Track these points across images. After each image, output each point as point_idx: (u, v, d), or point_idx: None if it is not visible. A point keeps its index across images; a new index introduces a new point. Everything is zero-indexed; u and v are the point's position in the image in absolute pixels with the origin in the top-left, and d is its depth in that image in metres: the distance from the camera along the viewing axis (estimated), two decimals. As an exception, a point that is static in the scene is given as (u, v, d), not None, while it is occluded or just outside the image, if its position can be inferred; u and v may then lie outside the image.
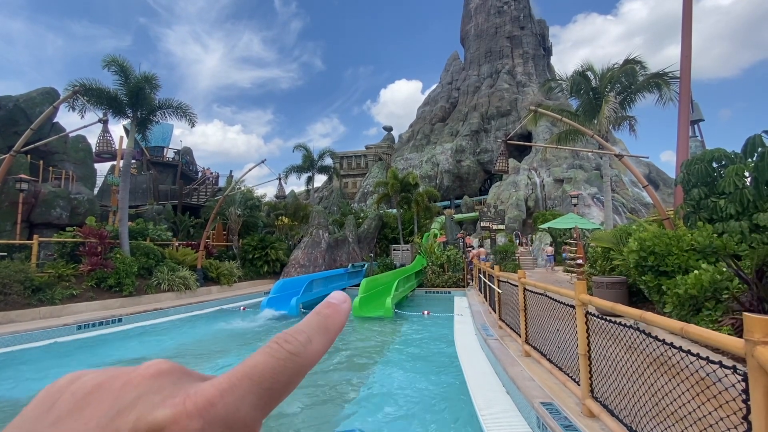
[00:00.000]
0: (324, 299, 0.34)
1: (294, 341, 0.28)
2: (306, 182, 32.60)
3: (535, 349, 5.35)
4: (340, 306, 0.33)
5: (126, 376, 0.26)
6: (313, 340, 0.29)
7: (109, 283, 12.11)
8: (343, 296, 0.34)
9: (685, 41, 11.07)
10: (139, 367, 0.26)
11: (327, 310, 0.32)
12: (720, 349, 3.03)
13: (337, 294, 0.34)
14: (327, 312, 0.32)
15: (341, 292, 0.35)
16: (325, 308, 0.32)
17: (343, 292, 0.35)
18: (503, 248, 23.92)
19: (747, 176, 6.95)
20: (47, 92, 18.88)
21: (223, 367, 7.20)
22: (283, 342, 0.28)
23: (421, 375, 6.72)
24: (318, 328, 0.30)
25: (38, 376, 6.58)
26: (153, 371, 0.26)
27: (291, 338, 0.29)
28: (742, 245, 6.52)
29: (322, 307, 0.32)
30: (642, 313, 2.69)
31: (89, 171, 21.45)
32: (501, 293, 8.00)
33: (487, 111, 51.19)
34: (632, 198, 36.00)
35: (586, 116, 15.30)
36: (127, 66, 13.82)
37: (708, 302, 5.87)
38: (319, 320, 0.31)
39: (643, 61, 14.82)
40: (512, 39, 56.66)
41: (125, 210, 14.09)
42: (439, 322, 11.26)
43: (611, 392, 3.22)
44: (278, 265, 20.37)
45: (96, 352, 8.26)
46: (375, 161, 55.98)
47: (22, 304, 9.94)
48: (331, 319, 0.31)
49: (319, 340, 0.30)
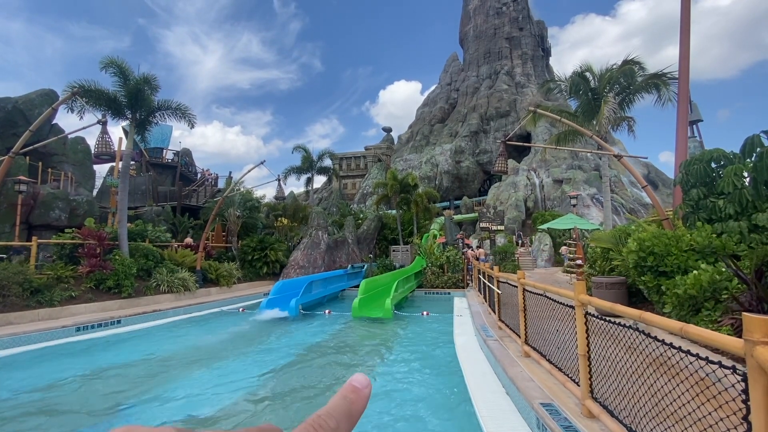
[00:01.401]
0: (348, 381, 0.37)
1: (327, 426, 0.32)
2: (305, 183, 32.59)
3: (534, 350, 5.35)
4: (363, 391, 0.36)
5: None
6: (341, 426, 0.33)
7: (108, 285, 12.09)
8: (366, 381, 0.37)
9: (683, 42, 11.09)
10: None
11: (352, 395, 0.36)
12: (719, 350, 3.03)
13: (360, 378, 0.37)
14: (352, 398, 0.35)
15: (364, 376, 0.38)
16: (350, 393, 0.36)
17: (365, 376, 0.38)
18: (503, 249, 23.93)
19: (746, 176, 6.96)
20: (46, 94, 18.88)
21: (223, 370, 7.19)
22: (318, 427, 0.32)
23: (421, 376, 6.71)
24: (344, 413, 0.34)
25: (42, 380, 6.56)
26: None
27: (324, 423, 0.32)
28: (741, 245, 6.53)
29: (348, 392, 0.36)
30: (641, 313, 2.69)
31: (88, 172, 21.45)
32: (500, 294, 8.00)
33: (486, 112, 51.23)
34: (631, 198, 36.04)
35: (585, 117, 15.32)
36: (126, 67, 13.81)
37: (707, 302, 5.87)
38: (345, 406, 0.35)
39: (642, 61, 14.84)
40: (511, 40, 56.75)
41: (124, 211, 14.07)
42: (438, 322, 11.26)
43: (611, 393, 3.22)
44: (278, 266, 20.36)
45: (95, 353, 8.24)
46: (374, 162, 56.00)
47: (21, 305, 9.92)
48: (355, 405, 0.35)
49: (345, 426, 0.33)
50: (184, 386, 6.23)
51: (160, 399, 5.71)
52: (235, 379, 6.60)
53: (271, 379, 6.73)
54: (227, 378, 6.62)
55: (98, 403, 5.60)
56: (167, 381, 6.52)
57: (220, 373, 6.94)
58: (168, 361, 7.70)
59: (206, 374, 6.86)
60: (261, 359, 7.94)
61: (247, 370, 7.10)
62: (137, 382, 6.45)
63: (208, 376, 6.72)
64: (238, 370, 7.10)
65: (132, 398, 5.73)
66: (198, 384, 6.33)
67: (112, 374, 6.88)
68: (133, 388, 6.18)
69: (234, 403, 5.53)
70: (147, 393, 5.94)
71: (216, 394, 5.88)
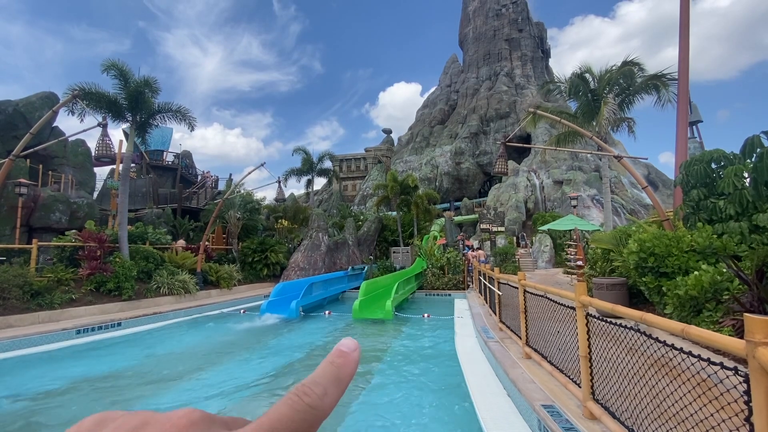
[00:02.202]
0: (336, 347, 0.35)
1: (312, 394, 0.31)
2: (305, 185, 32.58)
3: (535, 351, 5.34)
4: (351, 355, 0.35)
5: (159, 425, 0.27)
6: (329, 392, 0.32)
7: (108, 287, 12.08)
8: (354, 344, 0.36)
9: (682, 43, 11.11)
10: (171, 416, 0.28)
11: (339, 359, 0.34)
12: (721, 351, 3.02)
13: (348, 342, 0.36)
14: (339, 362, 0.34)
15: (352, 340, 0.36)
16: (338, 357, 0.34)
17: (353, 339, 0.36)
18: (503, 250, 23.92)
19: (746, 177, 6.95)
20: (47, 96, 18.91)
21: (221, 373, 7.18)
22: (303, 395, 0.31)
23: (422, 377, 6.69)
24: (332, 379, 0.33)
25: (41, 382, 6.55)
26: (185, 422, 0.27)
27: (309, 391, 0.31)
28: (741, 246, 6.52)
29: (335, 357, 0.34)
30: (643, 314, 2.68)
31: (88, 175, 21.47)
32: (501, 295, 7.99)
33: (486, 113, 51.29)
34: (632, 199, 36.03)
35: (584, 118, 15.33)
36: (127, 70, 13.84)
37: (708, 303, 5.86)
38: (333, 371, 0.33)
39: (642, 62, 14.87)
40: (510, 41, 56.87)
41: (125, 214, 14.07)
42: (439, 324, 11.24)
43: (612, 394, 3.21)
44: (278, 268, 20.35)
45: (95, 356, 8.23)
46: (374, 164, 56.04)
47: (21, 308, 9.92)
48: (343, 368, 0.34)
49: (334, 391, 0.32)
50: (184, 389, 6.22)
51: (160, 403, 5.70)
52: (235, 381, 6.58)
53: (271, 381, 6.72)
54: (228, 381, 6.60)
55: (98, 406, 5.58)
56: (167, 384, 6.51)
57: (220, 375, 6.92)
58: (168, 364, 7.69)
59: (207, 377, 6.84)
60: (261, 361, 7.93)
61: (247, 373, 7.08)
62: (137, 386, 6.43)
63: (208, 379, 6.71)
64: (238, 373, 7.08)
65: (132, 402, 5.72)
66: (199, 387, 6.32)
67: (112, 377, 6.87)
68: (132, 391, 6.17)
69: (235, 406, 5.52)
70: (147, 397, 5.93)
71: (216, 396, 5.87)
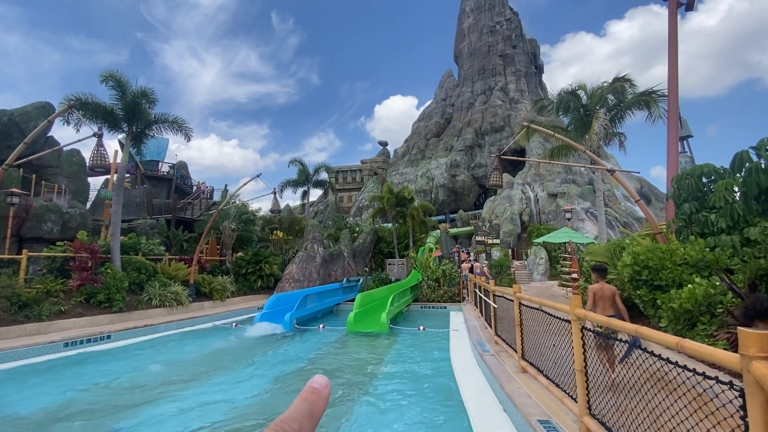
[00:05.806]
0: (308, 384, 0.38)
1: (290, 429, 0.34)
2: (301, 196, 32.56)
3: (531, 365, 5.30)
4: (323, 391, 0.38)
5: None
6: (304, 427, 0.35)
7: (98, 299, 11.87)
8: (325, 381, 0.39)
9: (671, 61, 11.40)
10: None
11: (312, 396, 0.37)
12: (716, 365, 3.01)
13: (320, 379, 0.39)
14: (312, 399, 0.37)
15: (323, 377, 0.39)
16: (311, 394, 0.37)
17: (324, 377, 0.39)
18: (498, 263, 23.92)
19: (736, 191, 7.06)
20: (42, 106, 18.88)
21: (213, 386, 7.03)
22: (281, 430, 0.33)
23: (417, 391, 6.60)
24: (306, 414, 0.36)
25: (24, 395, 6.37)
26: None
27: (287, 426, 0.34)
28: (734, 259, 6.58)
29: (308, 393, 0.37)
30: (638, 327, 2.68)
31: (82, 185, 21.29)
32: (496, 308, 7.95)
33: (481, 127, 51.94)
34: (625, 212, 36.35)
35: (577, 132, 15.58)
36: (124, 81, 13.89)
37: (703, 316, 5.88)
38: (307, 407, 0.36)
39: (632, 79, 15.20)
40: (505, 57, 58.01)
41: (118, 224, 13.94)
42: (434, 337, 11.14)
43: (609, 409, 3.18)
44: (272, 280, 20.14)
45: (83, 370, 8.03)
46: (370, 176, 56.29)
47: (8, 320, 9.70)
48: (316, 405, 0.37)
49: (308, 426, 0.35)
50: (174, 404, 6.07)
51: (147, 420, 5.55)
52: (226, 396, 6.45)
53: (262, 395, 6.59)
54: (218, 395, 6.47)
55: (83, 425, 5.42)
56: (156, 399, 6.35)
57: (211, 390, 6.78)
58: (157, 378, 7.52)
59: (197, 391, 6.69)
60: (253, 376, 7.78)
61: (238, 387, 6.94)
62: (125, 401, 6.27)
63: (199, 394, 6.56)
64: (229, 387, 6.94)
65: (119, 418, 5.57)
66: (188, 401, 6.17)
67: (98, 392, 6.70)
68: (119, 406, 6.01)
69: (225, 421, 5.39)
70: (134, 415, 5.77)
71: (206, 412, 5.73)
